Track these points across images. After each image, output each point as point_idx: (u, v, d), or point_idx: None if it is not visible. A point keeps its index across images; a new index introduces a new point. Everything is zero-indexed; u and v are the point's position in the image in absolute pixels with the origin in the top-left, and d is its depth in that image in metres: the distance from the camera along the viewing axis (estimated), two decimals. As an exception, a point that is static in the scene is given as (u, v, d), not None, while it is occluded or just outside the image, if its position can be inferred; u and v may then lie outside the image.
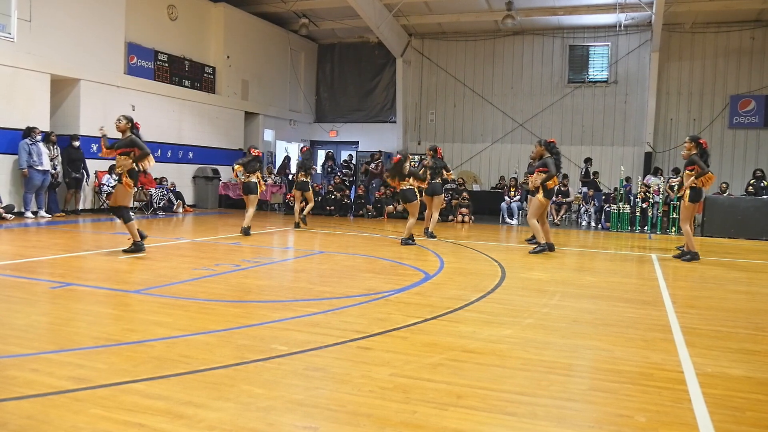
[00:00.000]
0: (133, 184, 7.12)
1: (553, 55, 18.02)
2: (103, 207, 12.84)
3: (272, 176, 16.55)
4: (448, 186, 14.54)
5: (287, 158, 18.51)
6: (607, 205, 13.83)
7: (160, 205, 13.69)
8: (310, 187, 11.33)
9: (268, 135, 18.83)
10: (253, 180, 9.79)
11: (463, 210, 14.28)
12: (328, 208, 15.17)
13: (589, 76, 17.82)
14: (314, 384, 2.96)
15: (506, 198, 15.02)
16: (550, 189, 8.56)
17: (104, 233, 9.67)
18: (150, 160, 7.19)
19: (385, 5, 16.66)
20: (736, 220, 12.06)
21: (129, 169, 7.03)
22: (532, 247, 8.74)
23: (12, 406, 2.58)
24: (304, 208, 11.45)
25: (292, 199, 15.42)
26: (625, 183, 13.84)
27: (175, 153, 15.20)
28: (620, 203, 13.05)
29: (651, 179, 14.89)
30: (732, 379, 3.23)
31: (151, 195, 13.52)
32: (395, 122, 19.31)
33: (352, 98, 20.38)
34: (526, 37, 18.17)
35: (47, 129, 11.81)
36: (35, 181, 11.17)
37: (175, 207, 14.14)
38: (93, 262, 6.58)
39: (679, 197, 11.62)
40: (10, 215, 10.71)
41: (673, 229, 12.53)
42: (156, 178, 13.90)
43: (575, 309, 4.91)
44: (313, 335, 3.82)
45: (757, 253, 9.74)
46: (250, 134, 17.88)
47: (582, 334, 4.10)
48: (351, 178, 17.42)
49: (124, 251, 7.09)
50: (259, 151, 10.26)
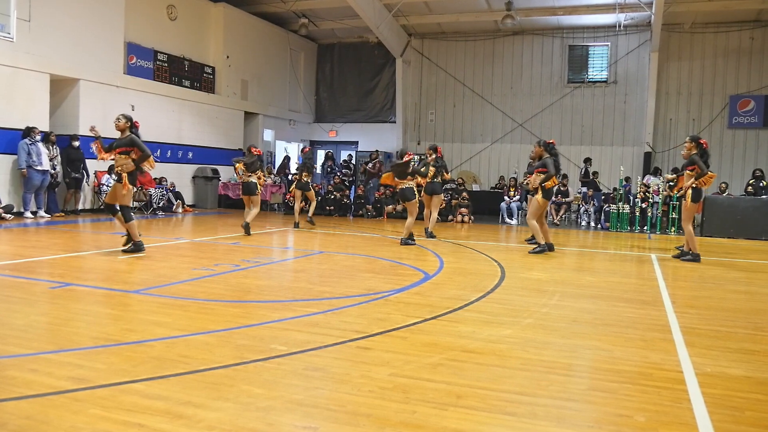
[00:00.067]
0: (131, 184, 7.10)
1: (553, 55, 18.02)
2: (102, 207, 12.83)
3: (272, 176, 16.55)
4: (448, 186, 14.56)
5: (287, 158, 18.51)
6: (607, 205, 13.83)
7: (160, 205, 13.68)
8: (311, 187, 11.44)
9: (268, 135, 18.83)
10: (253, 180, 9.82)
11: (463, 210, 14.28)
12: (328, 208, 15.16)
13: (589, 76, 17.83)
14: (314, 384, 2.96)
15: (506, 198, 15.02)
16: (548, 189, 8.58)
17: (104, 233, 9.66)
18: (151, 161, 7.17)
19: (384, 5, 16.66)
20: (736, 220, 12.07)
21: (131, 171, 7.01)
22: (532, 247, 8.75)
23: (11, 406, 2.58)
24: (304, 208, 11.54)
25: (291, 198, 15.47)
26: (624, 183, 13.85)
27: (175, 153, 15.19)
28: (620, 203, 13.05)
29: (650, 179, 14.90)
30: (731, 379, 3.24)
31: (151, 195, 13.51)
32: (395, 122, 19.31)
33: (351, 98, 20.38)
34: (526, 37, 18.18)
35: (46, 129, 11.80)
36: (34, 181, 11.17)
37: (175, 207, 14.14)
38: (92, 262, 6.58)
39: (678, 197, 11.66)
40: (9, 215, 10.71)
41: (673, 229, 12.54)
42: (155, 178, 13.89)
43: (575, 309, 4.91)
44: (313, 335, 3.82)
45: (756, 253, 9.74)
46: (250, 134, 17.88)
47: (581, 334, 4.10)
48: (350, 178, 17.42)
49: (124, 251, 7.09)
50: (259, 150, 10.32)
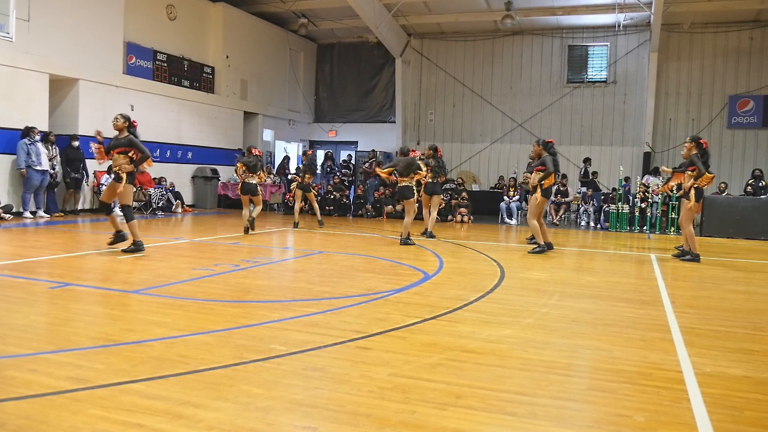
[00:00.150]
0: (130, 184, 7.11)
1: (552, 55, 18.03)
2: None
3: (271, 176, 16.55)
4: (448, 186, 14.56)
5: (286, 158, 18.51)
6: (606, 205, 13.83)
7: (159, 205, 13.68)
8: (312, 188, 11.79)
9: (267, 135, 18.82)
10: (254, 181, 9.94)
11: (462, 210, 14.28)
12: (328, 208, 15.16)
13: (588, 76, 17.83)
14: (313, 384, 2.96)
15: (505, 198, 15.03)
16: (547, 187, 8.56)
17: (103, 233, 9.64)
18: (149, 161, 7.24)
19: (384, 5, 16.65)
20: (735, 220, 12.08)
21: (130, 171, 7.03)
22: (532, 247, 8.75)
23: (10, 406, 2.57)
24: (303, 208, 11.93)
25: (291, 199, 15.46)
26: (624, 183, 13.85)
27: (174, 153, 15.19)
28: (619, 203, 13.06)
29: (650, 179, 14.90)
30: (731, 379, 3.24)
31: (150, 195, 13.50)
32: (394, 122, 19.31)
33: (351, 98, 20.37)
34: (525, 37, 18.18)
35: (46, 129, 11.79)
36: (34, 181, 11.16)
37: (174, 207, 14.14)
38: (92, 262, 6.58)
39: (678, 197, 11.66)
40: (8, 215, 10.70)
41: (672, 229, 12.54)
42: (155, 178, 13.89)
43: (574, 309, 4.91)
44: (312, 335, 3.82)
45: (755, 253, 9.75)
46: (249, 134, 17.87)
47: (581, 334, 4.10)
48: (350, 178, 17.41)
49: (124, 251, 7.09)
50: (259, 151, 10.43)
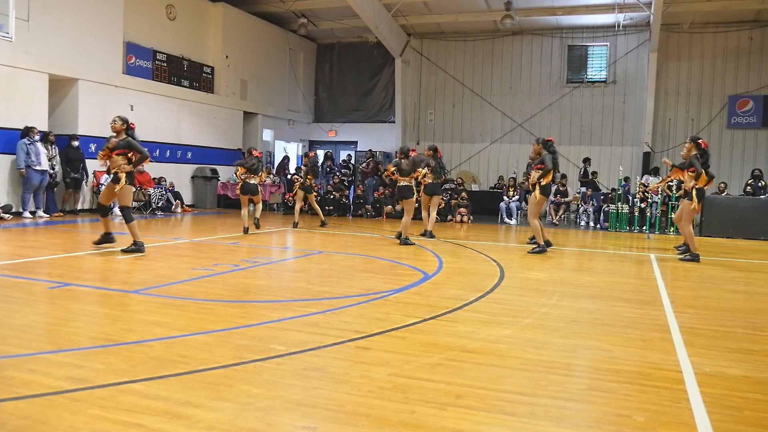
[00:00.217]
0: (129, 184, 7.16)
1: (552, 55, 18.02)
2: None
3: (271, 176, 16.54)
4: (447, 186, 14.56)
5: (286, 158, 18.50)
6: (606, 205, 13.83)
7: (159, 205, 13.67)
8: (313, 190, 12.00)
9: (267, 135, 18.81)
10: (255, 182, 10.14)
11: (462, 210, 14.28)
12: (327, 208, 15.15)
13: (588, 76, 17.82)
14: (313, 384, 2.96)
15: (505, 198, 15.02)
16: (545, 186, 8.55)
17: (102, 233, 9.64)
18: (147, 160, 7.35)
19: (384, 5, 16.65)
20: (734, 220, 12.08)
21: (128, 172, 7.06)
22: (532, 247, 8.75)
23: (10, 406, 2.57)
24: (303, 208, 12.03)
25: (291, 199, 15.46)
26: (623, 183, 13.85)
27: (174, 153, 15.18)
28: (619, 203, 13.06)
29: (649, 179, 14.90)
30: (730, 379, 3.24)
31: (150, 195, 13.50)
32: (394, 122, 19.30)
33: (350, 98, 20.36)
34: (525, 37, 18.17)
35: (45, 129, 11.79)
36: (33, 181, 11.15)
37: (174, 207, 14.13)
38: (91, 262, 6.57)
39: (678, 197, 11.67)
40: (8, 215, 10.70)
41: (672, 229, 12.54)
42: (154, 178, 13.89)
43: (574, 309, 4.92)
44: (312, 335, 3.82)
45: (755, 253, 9.75)
46: (249, 134, 17.87)
47: (581, 334, 4.10)
48: (350, 178, 17.40)
49: (123, 251, 7.09)
50: (259, 153, 10.52)
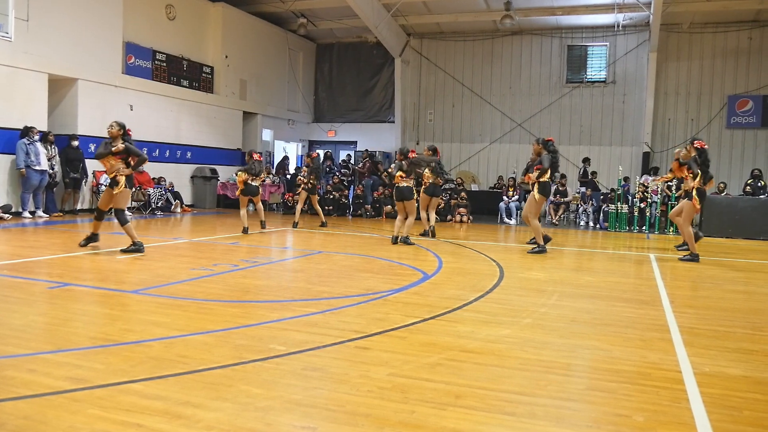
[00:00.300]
0: (128, 186, 7.21)
1: (552, 55, 18.03)
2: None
3: (270, 176, 16.54)
4: (447, 186, 14.55)
5: (286, 158, 18.51)
6: (606, 205, 13.84)
7: (158, 205, 13.66)
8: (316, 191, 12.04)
9: (267, 135, 18.81)
10: (256, 183, 10.27)
11: (462, 210, 14.28)
12: (327, 207, 15.15)
13: (588, 76, 17.83)
14: (312, 384, 2.96)
15: (504, 198, 15.03)
16: (544, 186, 8.53)
17: (102, 233, 9.63)
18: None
19: (383, 5, 16.65)
20: (734, 220, 12.08)
21: (127, 175, 7.11)
22: (531, 247, 8.76)
23: (9, 406, 2.57)
24: (303, 208, 12.03)
25: (291, 199, 15.46)
26: (623, 183, 13.86)
27: (173, 153, 15.18)
28: (618, 203, 13.06)
29: (649, 179, 14.90)
30: (730, 379, 3.24)
31: (149, 195, 13.50)
32: (394, 122, 19.30)
33: (350, 98, 20.36)
34: (525, 37, 18.18)
35: (45, 129, 11.78)
36: (33, 180, 11.15)
37: (173, 207, 14.13)
38: (91, 263, 6.57)
39: (677, 197, 11.67)
40: (7, 215, 10.69)
41: (671, 229, 12.55)
42: (154, 178, 13.88)
43: (573, 309, 4.92)
44: (312, 335, 3.82)
45: (754, 253, 9.76)
46: (249, 134, 17.87)
47: (580, 334, 4.10)
48: (349, 178, 17.40)
49: (123, 251, 7.09)
50: (260, 156, 10.55)
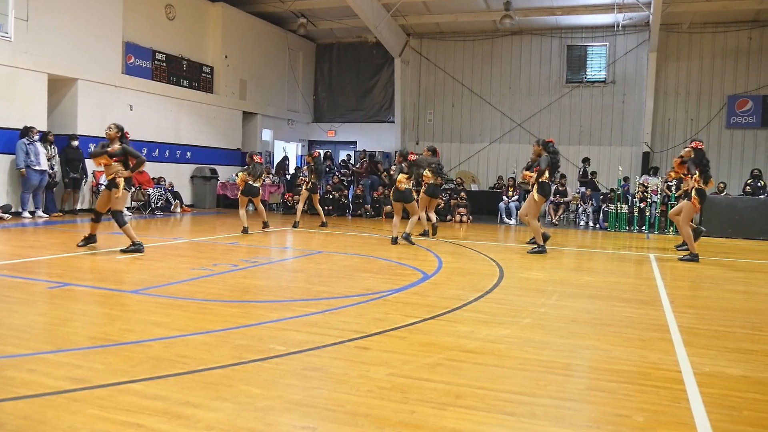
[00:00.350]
0: (127, 186, 7.23)
1: (551, 55, 18.03)
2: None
3: (270, 176, 16.54)
4: (447, 186, 14.56)
5: (285, 158, 18.50)
6: (605, 205, 13.84)
7: (158, 205, 13.66)
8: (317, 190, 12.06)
9: (266, 135, 18.80)
10: (257, 184, 10.34)
11: (461, 210, 14.28)
12: (327, 207, 15.14)
13: (587, 76, 17.83)
14: (312, 384, 2.96)
15: (504, 198, 15.03)
16: (544, 186, 8.52)
17: (102, 233, 9.63)
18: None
19: (383, 5, 16.65)
20: (734, 220, 12.08)
21: (126, 177, 7.13)
22: (531, 247, 8.76)
23: (9, 406, 2.57)
24: (303, 208, 12.05)
25: (290, 199, 15.46)
26: (623, 183, 13.86)
27: (173, 153, 15.18)
28: (618, 203, 13.06)
29: (648, 179, 14.91)
30: (729, 379, 3.24)
31: (149, 195, 13.49)
32: (393, 122, 19.30)
33: (350, 98, 20.36)
34: (524, 37, 18.18)
35: (45, 129, 11.78)
36: (32, 180, 11.15)
37: (173, 207, 14.12)
38: (90, 263, 6.57)
39: (677, 197, 11.67)
40: (7, 215, 10.69)
41: (671, 229, 12.55)
42: (154, 178, 13.88)
43: (573, 309, 4.92)
44: (311, 335, 3.82)
45: (754, 253, 9.76)
46: (248, 134, 17.86)
47: (580, 334, 4.10)
48: (349, 178, 17.39)
49: (122, 251, 7.09)
50: (260, 158, 10.58)
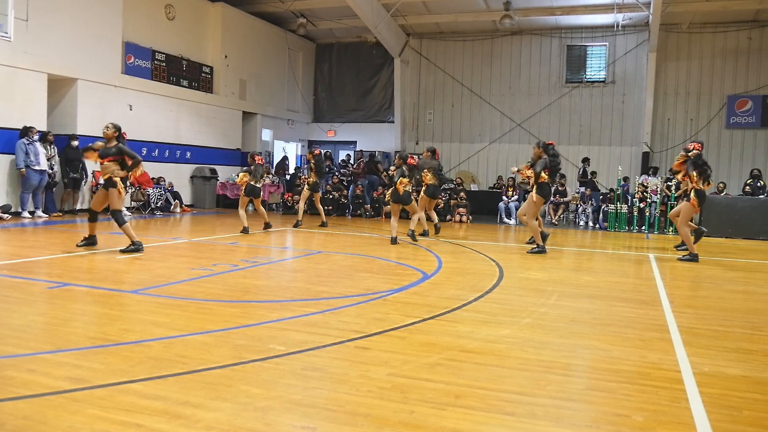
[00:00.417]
0: (124, 188, 7.26)
1: (551, 55, 18.03)
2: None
3: (270, 176, 16.54)
4: (446, 186, 14.56)
5: (285, 158, 18.50)
6: (605, 205, 13.84)
7: (158, 205, 13.66)
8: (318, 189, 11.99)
9: (266, 135, 18.80)
10: (258, 185, 10.39)
11: (461, 210, 14.28)
12: (326, 207, 15.13)
13: (587, 76, 17.84)
14: (312, 384, 2.96)
15: (504, 198, 15.03)
16: (544, 187, 8.53)
17: (101, 233, 9.63)
18: (140, 167, 7.43)
19: (383, 5, 16.65)
20: (734, 220, 12.08)
21: (123, 177, 7.16)
22: (531, 247, 8.76)
23: (9, 406, 2.57)
24: (304, 208, 12.10)
25: (290, 198, 15.46)
26: (622, 183, 13.86)
27: (173, 153, 15.17)
28: (618, 203, 13.06)
29: (648, 179, 14.91)
30: (729, 379, 3.24)
31: (149, 195, 13.49)
32: (393, 122, 19.30)
33: (350, 98, 20.36)
34: (524, 37, 18.18)
35: (44, 129, 11.78)
36: (32, 180, 11.15)
37: (173, 207, 14.12)
38: (90, 262, 6.57)
39: (677, 197, 11.68)
40: (7, 215, 10.69)
41: (671, 229, 12.55)
42: (153, 178, 13.86)
43: (573, 309, 4.92)
44: (311, 335, 3.82)
45: (754, 253, 9.76)
46: (248, 134, 17.86)
47: (580, 334, 4.10)
48: (349, 178, 17.39)
49: (122, 251, 7.09)
50: (261, 159, 10.60)
